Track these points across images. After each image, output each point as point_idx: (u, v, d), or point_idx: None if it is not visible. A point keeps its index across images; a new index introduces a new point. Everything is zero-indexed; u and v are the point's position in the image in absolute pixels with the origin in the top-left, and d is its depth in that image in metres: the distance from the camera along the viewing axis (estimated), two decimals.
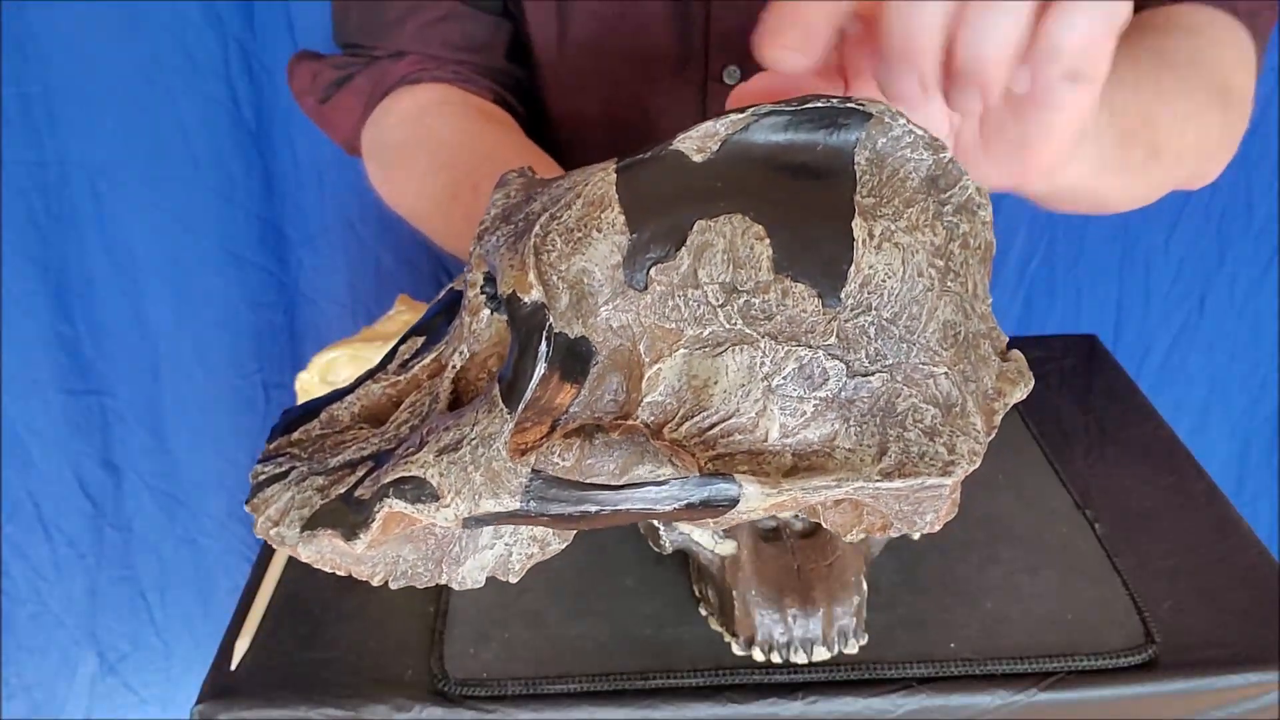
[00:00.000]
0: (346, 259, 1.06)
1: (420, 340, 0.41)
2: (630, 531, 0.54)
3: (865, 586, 0.46)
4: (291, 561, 0.55)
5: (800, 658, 0.45)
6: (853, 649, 0.46)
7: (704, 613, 0.49)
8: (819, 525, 0.47)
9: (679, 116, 0.70)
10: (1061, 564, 0.53)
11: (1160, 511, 0.58)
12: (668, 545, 0.47)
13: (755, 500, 0.33)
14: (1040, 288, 1.13)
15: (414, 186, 0.65)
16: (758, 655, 0.46)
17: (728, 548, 0.46)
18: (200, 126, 0.97)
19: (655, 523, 0.47)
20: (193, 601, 1.22)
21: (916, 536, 0.49)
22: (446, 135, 0.65)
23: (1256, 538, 0.56)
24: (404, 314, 0.61)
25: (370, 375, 0.41)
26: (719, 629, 0.48)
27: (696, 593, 0.50)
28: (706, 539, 0.47)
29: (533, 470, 0.33)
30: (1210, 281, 1.12)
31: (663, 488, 0.33)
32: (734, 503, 0.33)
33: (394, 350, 0.41)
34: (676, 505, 0.34)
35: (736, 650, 0.46)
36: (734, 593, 0.45)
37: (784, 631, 0.45)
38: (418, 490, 0.34)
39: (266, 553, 0.56)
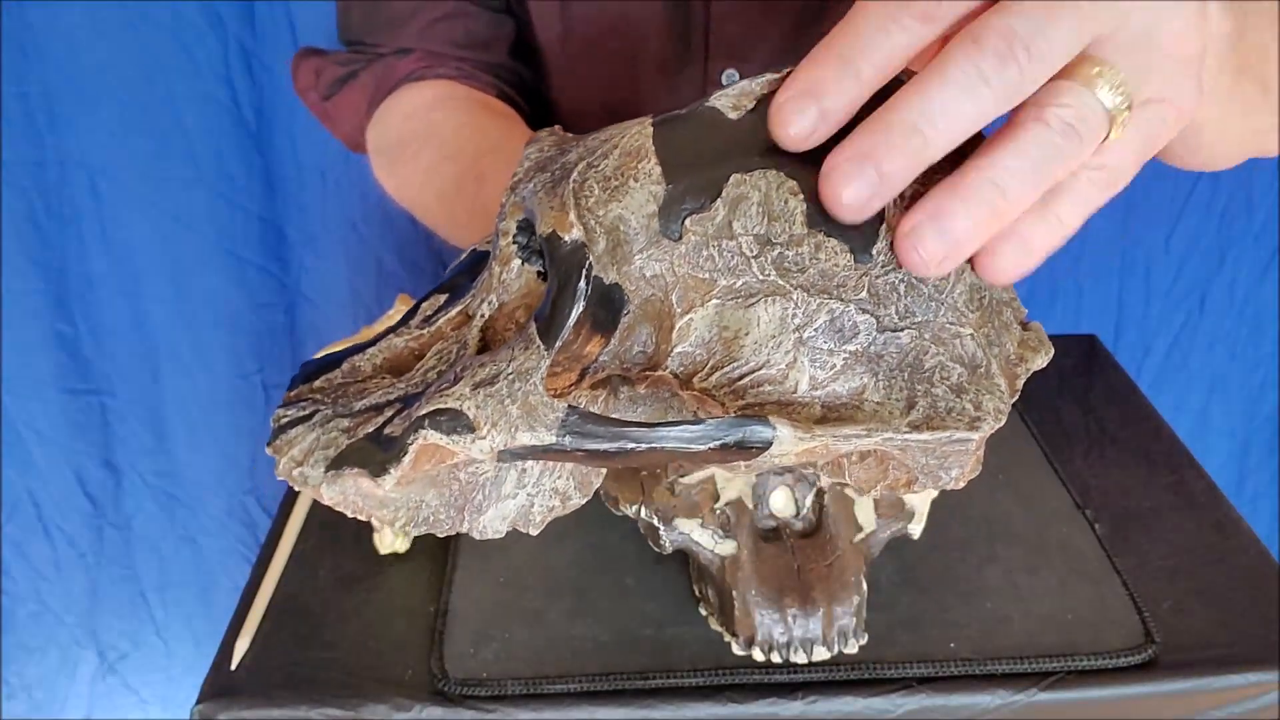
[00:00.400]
0: (347, 259, 1.06)
1: (443, 297, 0.41)
2: (630, 531, 0.54)
3: (865, 586, 0.46)
4: (291, 561, 0.55)
5: (800, 658, 0.45)
6: (853, 649, 0.46)
7: (704, 613, 0.49)
8: (819, 525, 0.47)
9: None
10: (1061, 564, 0.53)
11: (1160, 511, 0.58)
12: (668, 545, 0.47)
13: (788, 443, 0.33)
14: (1040, 288, 1.13)
15: (419, 179, 0.65)
16: (758, 655, 0.45)
17: (728, 548, 0.46)
18: (200, 126, 0.97)
19: (655, 522, 0.47)
20: (193, 601, 1.22)
21: (916, 532, 0.49)
22: (451, 129, 0.65)
23: (1256, 538, 0.56)
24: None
25: (393, 330, 0.41)
26: (719, 629, 0.48)
27: (696, 593, 0.50)
28: (706, 539, 0.47)
29: (569, 406, 0.34)
30: (1210, 281, 1.12)
31: (698, 427, 0.33)
32: (768, 444, 0.33)
33: (416, 307, 0.41)
34: (711, 445, 0.34)
35: (736, 650, 0.46)
36: (734, 593, 0.45)
37: (784, 631, 0.45)
38: (454, 422, 0.34)
39: (266, 553, 0.56)
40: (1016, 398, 0.36)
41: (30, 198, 0.98)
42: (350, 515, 0.37)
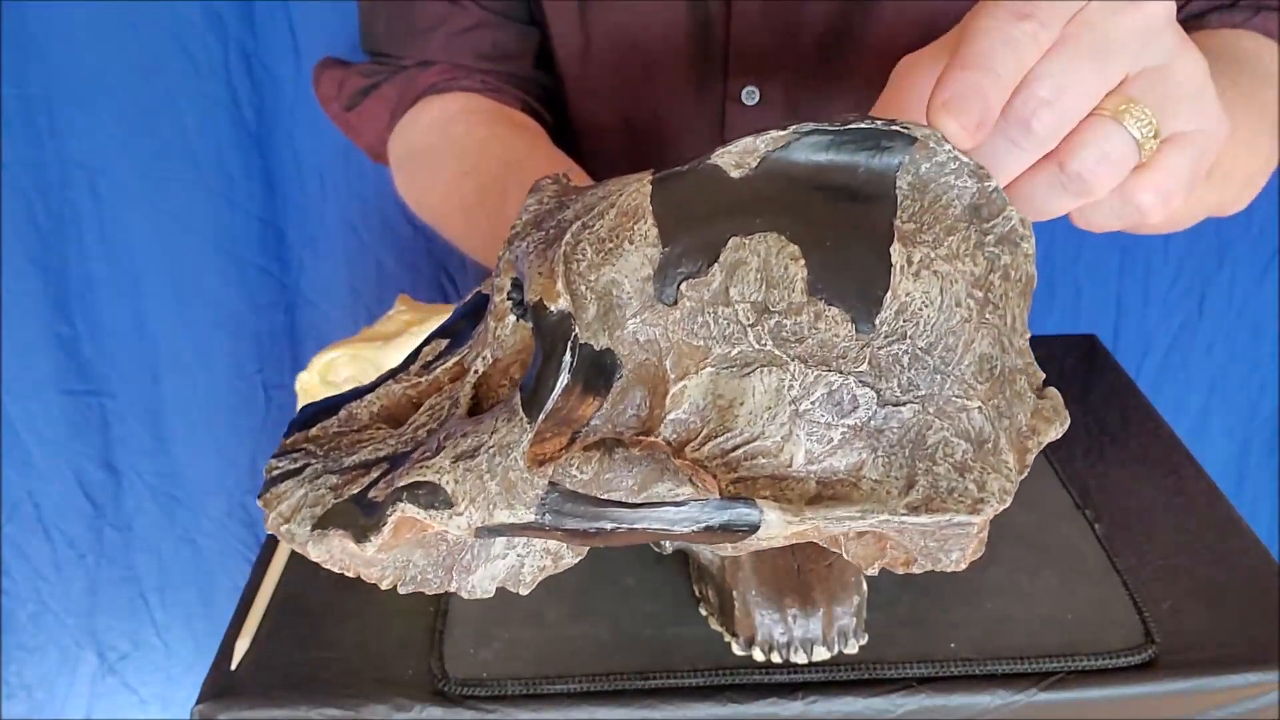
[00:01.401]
0: (347, 260, 1.06)
1: (445, 343, 0.40)
2: None
3: (865, 586, 0.46)
4: (291, 561, 0.55)
5: (800, 658, 0.45)
6: (853, 649, 0.46)
7: (704, 613, 0.49)
8: None
9: (698, 134, 0.70)
10: (1061, 564, 0.53)
11: (1160, 511, 0.58)
12: (668, 545, 0.47)
13: (776, 527, 0.32)
14: (1040, 288, 1.12)
15: (440, 192, 0.65)
16: (758, 655, 0.46)
17: (728, 548, 0.46)
18: (200, 127, 0.97)
19: None
20: (193, 601, 1.22)
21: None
22: (473, 142, 0.65)
23: (1256, 538, 0.56)
24: (404, 314, 0.61)
25: (392, 375, 0.41)
26: (719, 629, 0.48)
27: (696, 593, 0.50)
28: None
29: (550, 483, 0.33)
30: (1210, 281, 1.12)
31: (681, 509, 0.33)
32: (754, 528, 0.32)
33: (418, 351, 0.41)
34: (695, 528, 0.33)
35: (736, 650, 0.46)
36: (734, 593, 0.45)
37: (784, 631, 0.45)
38: (431, 496, 0.33)
39: (267, 553, 0.56)
40: (1025, 474, 0.35)
41: (30, 198, 0.98)
42: (338, 571, 0.37)
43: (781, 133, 0.34)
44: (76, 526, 1.15)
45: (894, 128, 0.34)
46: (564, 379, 0.33)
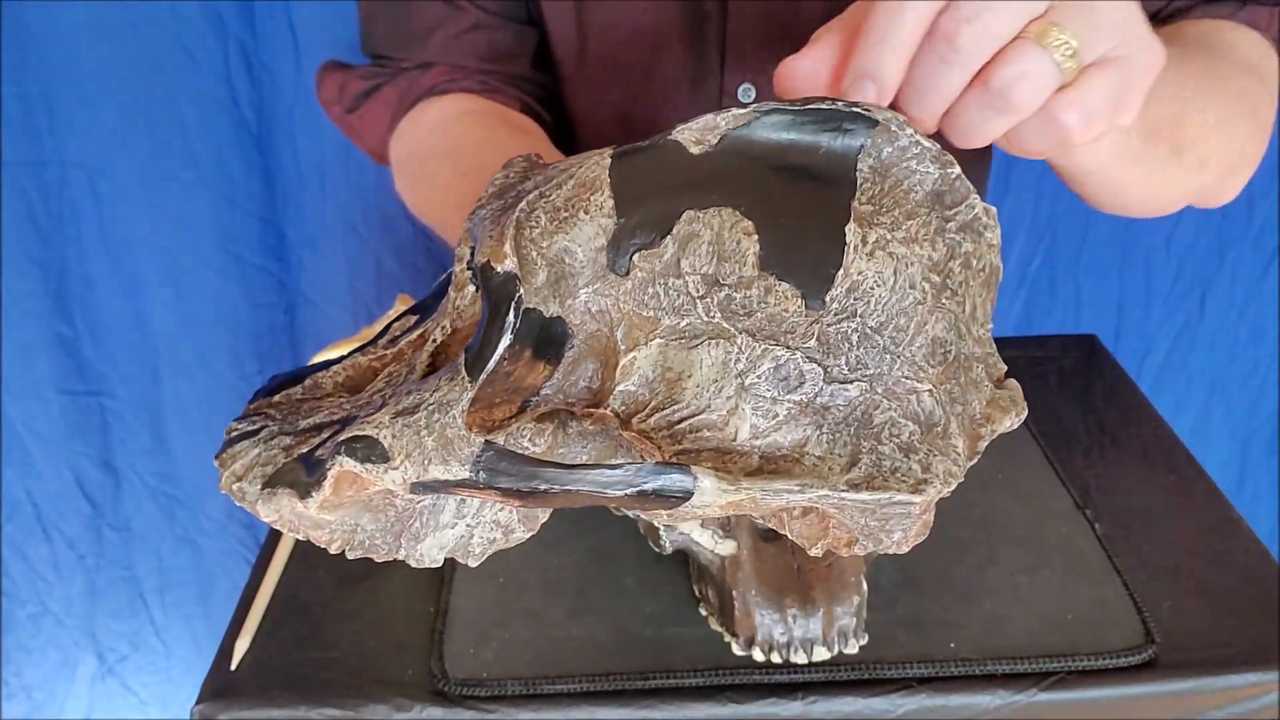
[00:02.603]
0: (347, 260, 1.06)
1: (414, 318, 0.41)
2: (630, 531, 0.54)
3: (865, 586, 0.46)
4: (291, 561, 0.55)
5: (800, 658, 0.45)
6: (853, 649, 0.46)
7: (704, 613, 0.49)
8: None
9: None
10: (1061, 564, 0.53)
11: (1160, 511, 0.58)
12: (668, 545, 0.47)
13: (711, 495, 0.32)
14: (1040, 288, 1.13)
15: (439, 194, 0.65)
16: (758, 655, 0.46)
17: (728, 548, 0.46)
18: (200, 126, 0.97)
19: (655, 523, 0.47)
20: (193, 601, 1.22)
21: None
22: (472, 143, 0.65)
23: (1256, 538, 0.56)
24: (396, 315, 0.61)
25: (361, 349, 0.41)
26: (719, 629, 0.48)
27: (696, 593, 0.50)
28: (706, 539, 0.47)
29: (485, 441, 0.33)
30: (1210, 281, 1.12)
31: (615, 471, 0.32)
32: (687, 495, 0.32)
33: (388, 326, 0.41)
34: (628, 491, 0.33)
35: (736, 650, 0.46)
36: (734, 593, 0.45)
37: (784, 631, 0.45)
38: (368, 450, 0.33)
39: (266, 553, 0.56)
40: (975, 460, 0.35)
41: (30, 198, 0.98)
42: (288, 533, 0.37)
43: (742, 110, 0.34)
44: (76, 527, 1.15)
45: (855, 109, 0.34)
46: (507, 339, 0.33)
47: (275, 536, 0.57)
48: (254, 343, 1.08)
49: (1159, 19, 0.62)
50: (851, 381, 0.33)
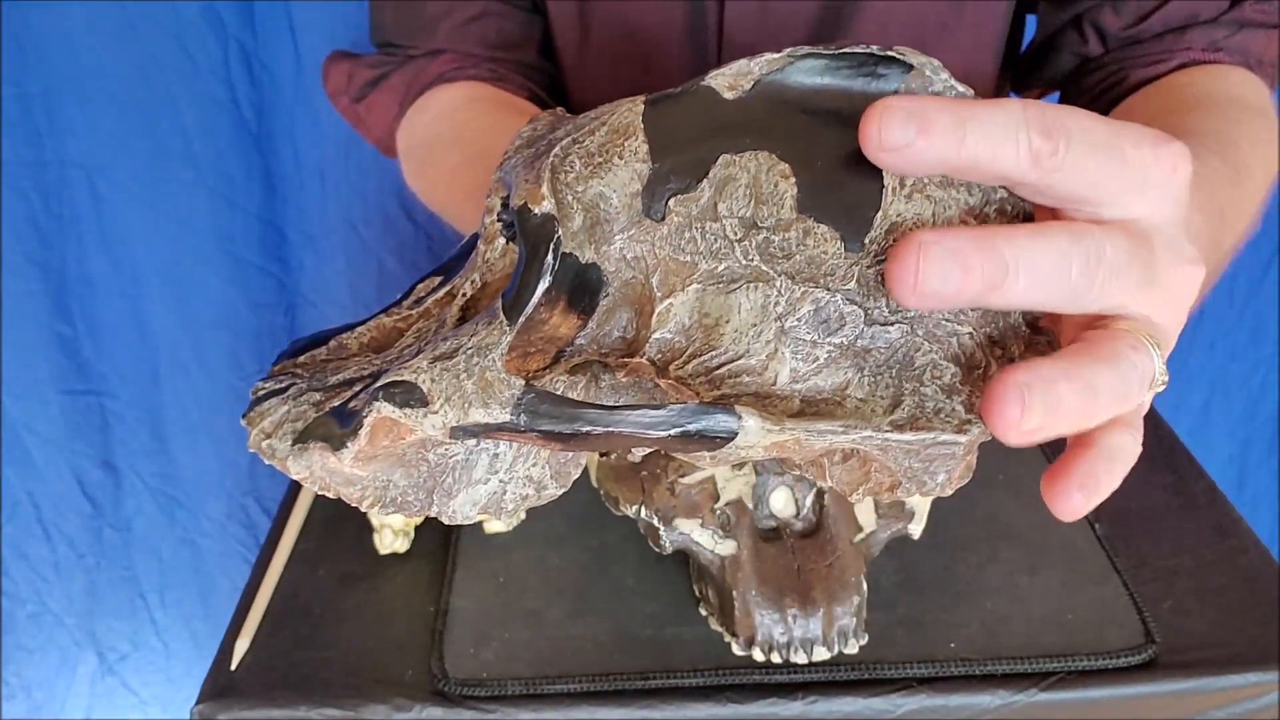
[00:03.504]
0: (347, 260, 1.06)
1: (438, 279, 0.40)
2: (630, 531, 0.54)
3: (865, 586, 0.46)
4: (291, 561, 0.55)
5: (800, 658, 0.45)
6: (853, 649, 0.46)
7: (704, 613, 0.49)
8: (819, 526, 0.47)
9: None
10: (1061, 564, 0.53)
11: (1160, 511, 0.58)
12: (668, 545, 0.47)
13: (755, 435, 0.32)
14: None
15: (447, 180, 0.65)
16: (758, 655, 0.45)
17: (728, 548, 0.46)
18: (200, 126, 0.97)
19: (655, 522, 0.47)
20: (193, 601, 1.22)
21: (915, 532, 0.49)
22: (479, 130, 0.65)
23: (1256, 538, 0.56)
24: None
25: (385, 310, 0.41)
26: (719, 629, 0.48)
27: (696, 593, 0.50)
28: (706, 539, 0.47)
29: (526, 383, 0.32)
30: None
31: (659, 412, 0.32)
32: (732, 435, 0.32)
33: (412, 288, 0.41)
34: (672, 432, 0.32)
35: (736, 650, 0.46)
36: (734, 593, 0.45)
37: (784, 631, 0.45)
38: (407, 395, 0.33)
39: (266, 553, 0.56)
40: None
41: (30, 198, 0.98)
42: (319, 492, 0.36)
43: (776, 56, 0.34)
44: (76, 526, 1.15)
45: (889, 54, 0.34)
46: (546, 282, 0.32)
47: (276, 536, 0.57)
48: (254, 343, 1.08)
49: (1153, 37, 0.62)
50: (892, 324, 0.33)
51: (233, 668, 0.49)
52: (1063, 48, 0.65)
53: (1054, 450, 0.62)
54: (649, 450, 0.35)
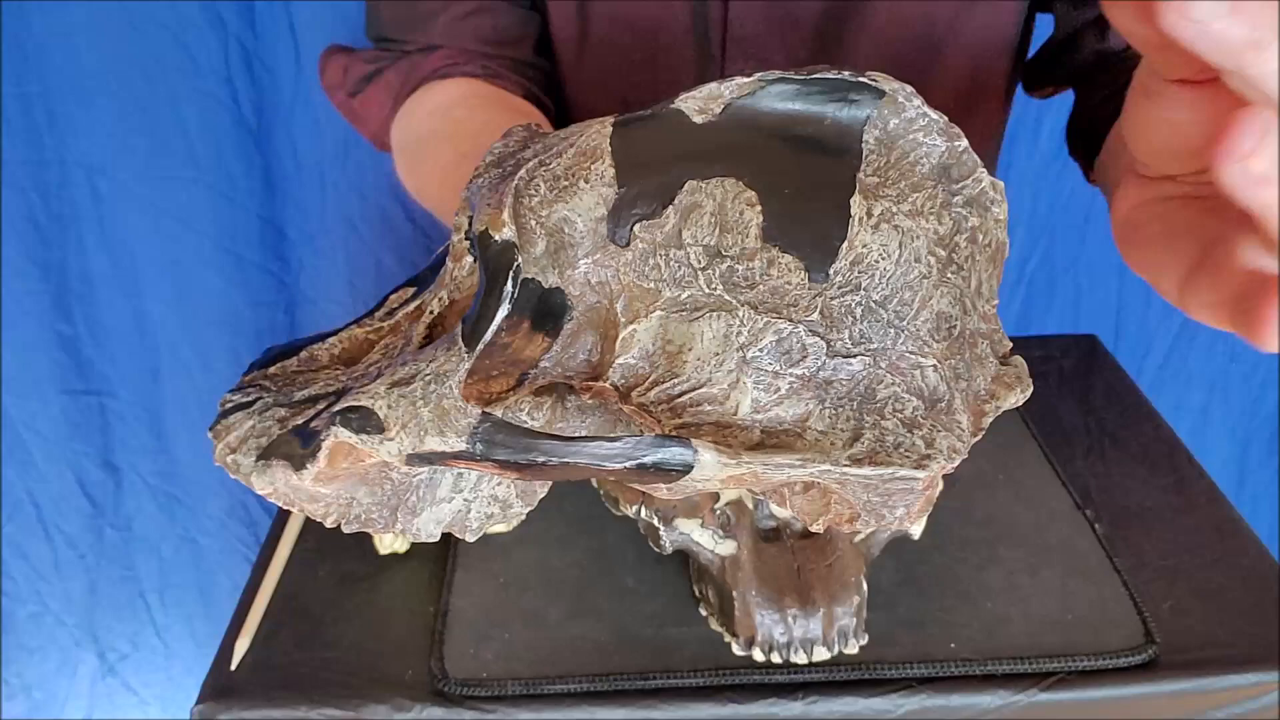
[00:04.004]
0: (347, 259, 1.06)
1: (410, 291, 0.40)
2: (630, 531, 0.54)
3: (865, 587, 0.46)
4: (291, 561, 0.55)
5: (800, 658, 0.45)
6: (853, 649, 0.46)
7: (704, 613, 0.49)
8: None
9: None
10: (1061, 564, 0.53)
11: (1160, 511, 0.58)
12: (668, 545, 0.47)
13: (711, 469, 0.32)
14: (1040, 288, 1.13)
15: (439, 176, 0.65)
16: (758, 655, 0.45)
17: (728, 548, 0.46)
18: (200, 126, 0.97)
19: (655, 522, 0.47)
20: (193, 601, 1.22)
21: (916, 532, 0.49)
22: (473, 128, 0.65)
23: (1256, 538, 0.56)
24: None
25: (356, 321, 0.40)
26: (719, 629, 0.48)
27: (696, 593, 0.50)
28: (706, 539, 0.47)
29: (482, 413, 0.32)
30: None
31: (614, 444, 0.32)
32: (688, 469, 0.32)
33: (385, 299, 0.41)
34: (627, 464, 0.32)
35: (736, 650, 0.46)
36: (734, 593, 0.45)
37: (784, 632, 0.45)
38: (363, 420, 0.33)
39: (266, 553, 0.56)
40: (980, 436, 0.34)
41: (30, 198, 0.98)
42: (284, 507, 0.36)
43: (747, 80, 0.33)
44: (76, 526, 1.15)
45: (861, 80, 0.33)
46: (505, 309, 0.32)
47: (276, 536, 0.57)
48: (254, 342, 1.08)
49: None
50: (855, 355, 0.33)
51: (233, 668, 0.49)
52: (1083, 45, 0.65)
53: (1054, 450, 0.62)
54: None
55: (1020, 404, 0.36)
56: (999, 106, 0.73)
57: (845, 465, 0.32)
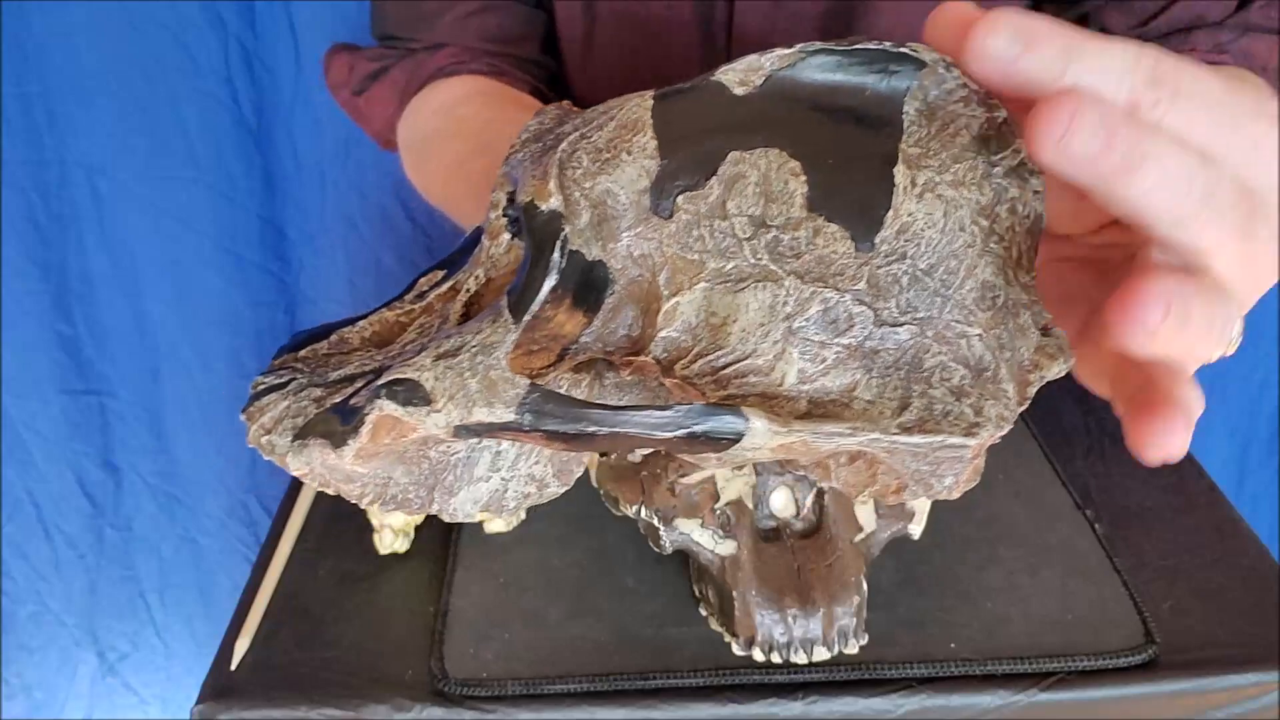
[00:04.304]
0: (347, 258, 1.06)
1: (441, 273, 0.40)
2: (630, 531, 0.54)
3: (865, 587, 0.46)
4: (291, 561, 0.55)
5: (800, 658, 0.45)
6: (853, 649, 0.46)
7: (704, 613, 0.49)
8: (819, 526, 0.47)
9: None
10: (1061, 564, 0.53)
11: (1160, 511, 0.58)
12: (668, 545, 0.47)
13: (762, 437, 0.31)
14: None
15: (447, 174, 0.65)
16: (758, 655, 0.45)
17: (728, 548, 0.46)
18: (200, 126, 0.97)
19: (655, 522, 0.47)
20: (193, 601, 1.22)
21: (916, 532, 0.49)
22: (480, 124, 0.65)
23: (1256, 538, 0.56)
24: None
25: (386, 304, 0.40)
26: (719, 629, 0.48)
27: (696, 593, 0.50)
28: (706, 539, 0.47)
29: (530, 383, 0.32)
30: None
31: (665, 412, 0.32)
32: (739, 437, 0.31)
33: (414, 282, 0.40)
34: (678, 433, 0.32)
35: (736, 650, 0.46)
36: (734, 593, 0.45)
37: (784, 632, 0.45)
38: (410, 393, 0.32)
39: (266, 553, 0.56)
40: (1026, 406, 0.34)
41: (30, 198, 0.98)
42: (318, 488, 0.36)
43: (788, 51, 0.33)
44: (76, 526, 1.15)
45: (902, 50, 0.33)
46: (552, 280, 0.32)
47: (276, 536, 0.57)
48: (254, 342, 1.08)
49: (1158, 38, 0.62)
50: (901, 325, 0.32)
51: (233, 668, 0.49)
52: None
53: (1054, 450, 0.62)
54: (650, 450, 0.35)
55: (1062, 375, 0.36)
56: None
57: (895, 433, 0.32)
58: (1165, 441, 0.31)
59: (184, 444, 1.12)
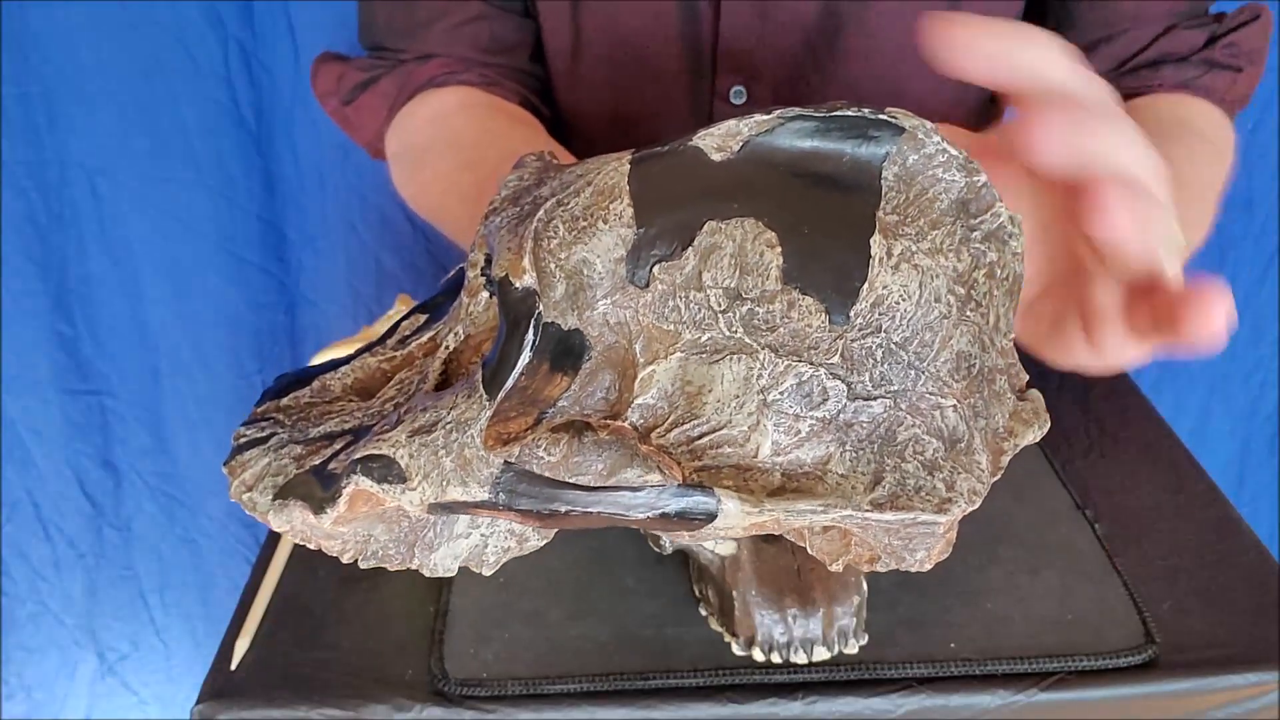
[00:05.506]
0: (347, 259, 1.06)
1: (423, 318, 0.40)
2: (630, 532, 0.54)
3: (865, 586, 0.46)
4: (291, 561, 0.55)
5: (800, 658, 0.45)
6: (853, 649, 0.46)
7: (704, 613, 0.49)
8: None
9: (687, 132, 0.70)
10: (1061, 564, 0.53)
11: (1160, 511, 0.58)
12: (668, 545, 0.47)
13: (734, 518, 0.32)
14: None
15: (439, 187, 0.65)
16: (758, 655, 0.46)
17: (728, 548, 0.46)
18: (200, 127, 0.97)
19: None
20: (193, 601, 1.22)
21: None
22: (471, 136, 0.65)
23: (1256, 538, 0.56)
24: (403, 313, 0.61)
25: (369, 349, 0.40)
26: (719, 629, 0.48)
27: (696, 593, 0.50)
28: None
29: (505, 462, 0.32)
30: None
31: (638, 494, 0.32)
32: (711, 518, 0.32)
33: (396, 325, 0.41)
34: (651, 514, 0.32)
35: (736, 650, 0.46)
36: (734, 593, 0.45)
37: (784, 631, 0.45)
38: (385, 470, 0.33)
39: (266, 553, 0.56)
40: (999, 476, 0.35)
41: (30, 198, 0.98)
42: (299, 543, 0.36)
43: (766, 117, 0.33)
44: (76, 526, 1.15)
45: (880, 116, 0.33)
46: (526, 357, 0.32)
47: (275, 536, 0.57)
48: (254, 343, 1.08)
49: (1128, 71, 0.64)
50: (875, 398, 0.33)
51: (233, 668, 0.49)
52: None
53: (1054, 450, 0.62)
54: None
55: (1038, 440, 0.36)
56: (994, 114, 0.73)
57: (867, 510, 0.32)
58: (1211, 313, 0.34)
59: (184, 444, 1.12)
